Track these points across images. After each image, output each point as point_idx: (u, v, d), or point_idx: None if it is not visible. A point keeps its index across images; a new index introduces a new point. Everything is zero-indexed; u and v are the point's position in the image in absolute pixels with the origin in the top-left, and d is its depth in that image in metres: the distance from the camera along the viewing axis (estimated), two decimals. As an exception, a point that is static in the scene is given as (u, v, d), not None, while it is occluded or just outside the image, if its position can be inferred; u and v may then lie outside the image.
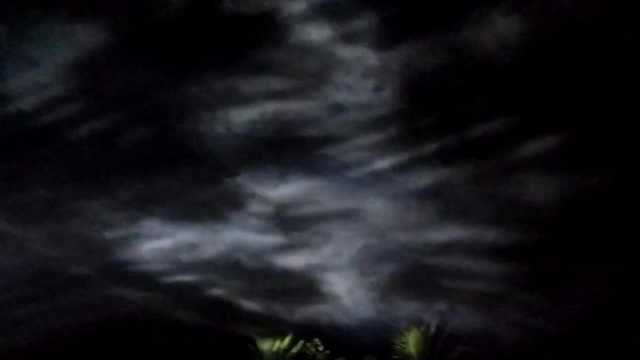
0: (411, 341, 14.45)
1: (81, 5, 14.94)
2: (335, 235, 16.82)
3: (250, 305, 17.74)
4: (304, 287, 17.19)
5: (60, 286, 17.75)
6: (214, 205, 17.03)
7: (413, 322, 15.02)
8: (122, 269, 17.56)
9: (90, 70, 15.59)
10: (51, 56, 15.17)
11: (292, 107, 15.88)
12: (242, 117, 16.05)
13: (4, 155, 16.16)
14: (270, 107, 15.87)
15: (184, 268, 17.29)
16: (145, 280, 17.55)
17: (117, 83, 15.88)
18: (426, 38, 15.37)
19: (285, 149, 16.50)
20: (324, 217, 16.76)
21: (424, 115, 16.17)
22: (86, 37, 15.10)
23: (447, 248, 15.87)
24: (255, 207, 16.75)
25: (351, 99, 15.57)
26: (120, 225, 17.13)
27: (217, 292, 17.86)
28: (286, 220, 16.92)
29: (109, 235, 17.22)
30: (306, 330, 16.32)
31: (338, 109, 15.74)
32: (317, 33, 15.13)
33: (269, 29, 15.30)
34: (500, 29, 14.86)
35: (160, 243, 16.97)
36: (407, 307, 16.23)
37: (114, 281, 17.95)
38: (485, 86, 15.57)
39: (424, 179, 16.09)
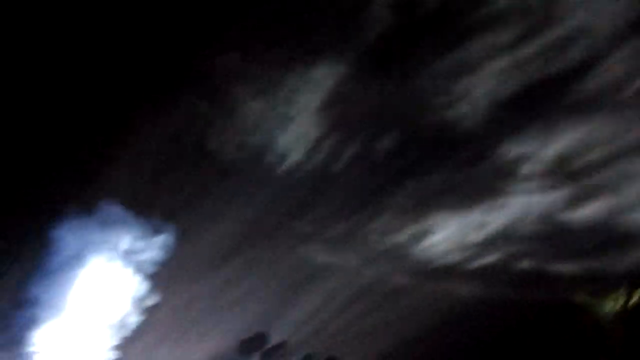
0: None
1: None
2: (636, 171, 14.55)
3: (566, 268, 16.53)
4: (616, 235, 15.22)
5: (385, 298, 19.49)
6: (489, 181, 16.64)
7: None
8: (427, 268, 18.43)
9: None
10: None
11: (526, 54, 14.70)
12: (483, 85, 15.53)
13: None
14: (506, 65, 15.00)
15: (482, 250, 17.23)
16: (451, 272, 18.02)
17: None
18: None
19: (540, 99, 15.24)
20: (612, 156, 14.71)
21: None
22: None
23: None
24: (530, 168, 15.78)
25: (589, 18, 13.60)
26: (412, 228, 18.13)
27: (526, 264, 17.20)
28: (570, 171, 15.44)
29: (405, 240, 18.36)
30: (636, 279, 14.38)
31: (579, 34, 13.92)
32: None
33: None
34: None
35: (451, 233, 17.34)
36: None
37: (425, 281, 18.92)
38: None
39: None
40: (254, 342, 17.06)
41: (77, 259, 15.56)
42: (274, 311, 18.98)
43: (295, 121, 17.12)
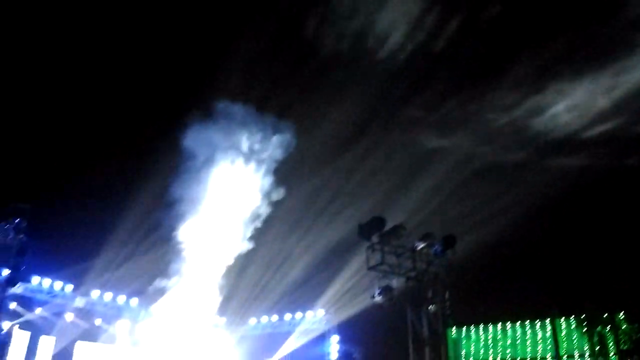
0: None
1: None
2: None
3: None
4: None
5: (502, 178, 18.63)
6: (621, 36, 14.84)
7: None
8: (549, 142, 17.34)
9: None
10: None
11: None
12: None
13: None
14: None
15: (612, 117, 15.84)
16: (576, 144, 16.84)
17: None
18: None
19: None
20: None
21: None
22: None
23: None
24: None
25: None
26: (531, 100, 17.02)
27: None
28: None
29: (524, 114, 17.31)
30: None
31: None
32: None
33: None
34: None
35: (576, 101, 16.06)
36: None
37: (546, 158, 17.81)
38: None
39: None
40: (372, 226, 17.65)
41: (208, 161, 16.87)
42: (392, 196, 19.27)
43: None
